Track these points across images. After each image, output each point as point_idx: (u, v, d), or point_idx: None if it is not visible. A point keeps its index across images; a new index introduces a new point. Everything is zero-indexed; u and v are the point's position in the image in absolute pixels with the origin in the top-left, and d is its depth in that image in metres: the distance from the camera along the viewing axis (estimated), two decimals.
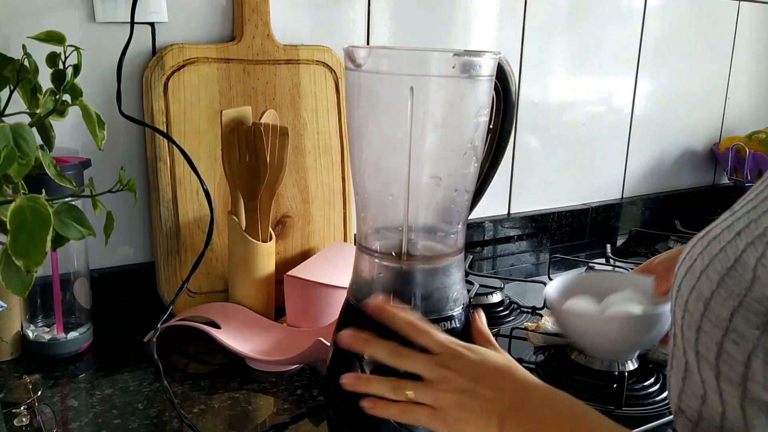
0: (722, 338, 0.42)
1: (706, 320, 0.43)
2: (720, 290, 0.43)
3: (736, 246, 0.43)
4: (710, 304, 0.43)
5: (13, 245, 0.50)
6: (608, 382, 0.77)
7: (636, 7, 1.36)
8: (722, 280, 0.43)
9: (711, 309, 0.43)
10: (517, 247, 1.32)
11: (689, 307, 0.45)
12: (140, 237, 0.95)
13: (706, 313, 0.43)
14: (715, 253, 0.44)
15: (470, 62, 0.59)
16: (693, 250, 0.48)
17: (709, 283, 0.44)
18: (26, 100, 0.68)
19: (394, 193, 0.63)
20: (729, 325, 0.42)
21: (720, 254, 0.44)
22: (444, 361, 0.56)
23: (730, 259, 0.43)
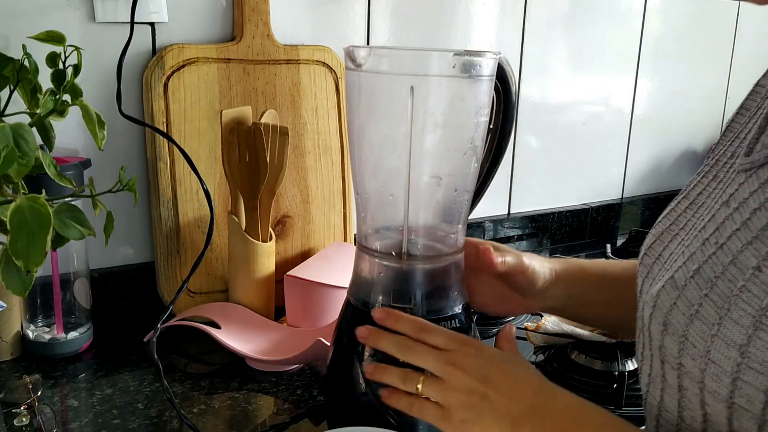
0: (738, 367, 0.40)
1: (746, 368, 0.40)
2: (760, 333, 0.39)
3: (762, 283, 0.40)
4: (748, 350, 0.40)
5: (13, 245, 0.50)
6: (608, 382, 0.77)
7: (636, 7, 1.36)
8: (759, 323, 0.39)
9: (751, 355, 0.39)
10: (517, 247, 1.31)
11: (714, 357, 0.41)
12: (140, 237, 0.95)
13: (745, 360, 0.40)
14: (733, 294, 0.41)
15: (471, 62, 0.59)
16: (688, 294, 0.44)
17: (740, 328, 0.40)
18: (26, 100, 0.68)
19: (395, 192, 0.63)
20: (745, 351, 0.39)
21: (743, 294, 0.40)
22: (452, 359, 0.54)
23: (762, 299, 0.39)
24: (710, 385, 0.42)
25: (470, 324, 0.67)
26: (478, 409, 0.52)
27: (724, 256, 0.43)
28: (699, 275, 0.44)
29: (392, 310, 0.60)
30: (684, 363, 0.44)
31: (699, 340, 0.42)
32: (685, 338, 0.44)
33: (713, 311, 0.42)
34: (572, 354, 0.82)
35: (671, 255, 0.51)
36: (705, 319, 0.42)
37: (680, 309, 0.44)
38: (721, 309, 0.41)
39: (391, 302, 0.64)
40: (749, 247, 0.41)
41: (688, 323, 0.43)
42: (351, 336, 0.66)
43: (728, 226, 0.44)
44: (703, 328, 0.42)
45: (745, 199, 0.43)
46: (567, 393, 0.52)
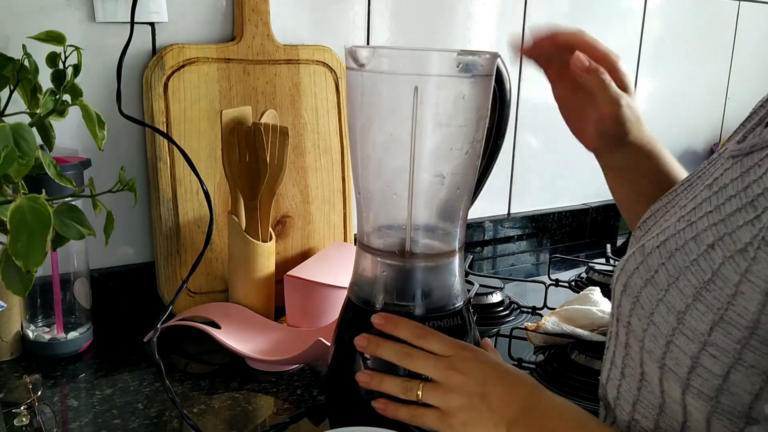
0: (699, 352, 0.42)
1: (679, 334, 0.43)
2: (697, 304, 0.42)
3: (711, 259, 0.43)
4: (685, 317, 0.43)
5: (13, 245, 0.50)
6: None
7: (636, 7, 1.36)
8: (699, 294, 0.42)
9: (686, 323, 0.43)
10: (517, 247, 1.32)
11: (655, 319, 0.45)
12: (140, 237, 0.95)
13: (680, 326, 0.43)
14: (684, 266, 0.44)
15: (473, 62, 0.60)
16: (649, 261, 0.48)
17: (682, 297, 0.43)
18: (26, 100, 0.68)
19: (398, 192, 0.63)
20: (708, 339, 0.41)
21: (692, 267, 0.44)
22: (452, 363, 0.56)
23: (705, 273, 0.42)
24: (648, 345, 0.45)
25: (470, 321, 0.68)
26: (478, 410, 0.54)
27: (690, 232, 0.46)
28: (663, 246, 0.47)
29: (390, 315, 0.61)
30: (632, 322, 0.48)
31: (647, 303, 0.46)
32: (637, 299, 0.47)
33: (665, 278, 0.45)
34: (572, 354, 0.82)
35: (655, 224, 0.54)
36: (656, 284, 0.46)
37: (640, 273, 0.48)
38: (671, 277, 0.45)
39: (394, 300, 0.64)
40: (713, 227, 0.44)
41: (642, 286, 0.47)
42: (352, 335, 0.66)
43: (703, 207, 0.46)
44: (653, 292, 0.46)
45: (725, 184, 0.46)
46: (553, 395, 0.55)
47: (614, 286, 0.52)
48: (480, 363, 0.56)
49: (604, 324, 0.84)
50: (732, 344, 0.40)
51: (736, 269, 0.41)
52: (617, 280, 0.52)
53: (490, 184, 0.73)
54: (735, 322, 0.40)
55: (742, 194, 0.43)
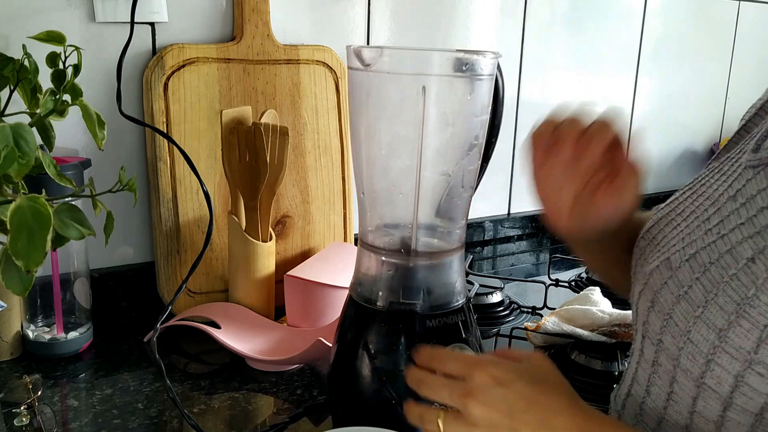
0: (744, 371, 0.40)
1: (721, 352, 0.41)
2: (740, 321, 0.40)
3: (752, 273, 0.41)
4: (727, 335, 0.41)
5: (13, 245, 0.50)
6: (608, 382, 0.77)
7: (636, 7, 1.36)
8: (742, 311, 0.40)
9: (728, 340, 0.41)
10: (517, 247, 1.32)
11: (693, 337, 0.43)
12: (140, 237, 0.95)
13: (722, 344, 0.41)
14: (723, 281, 0.42)
15: (477, 62, 0.60)
16: (680, 275, 0.45)
17: (723, 313, 0.41)
18: (26, 100, 0.68)
19: (404, 191, 0.64)
20: (753, 357, 0.40)
21: (732, 282, 0.41)
22: (469, 390, 0.48)
23: (748, 288, 0.40)
24: (684, 364, 0.43)
25: (472, 319, 0.68)
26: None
27: (723, 245, 0.44)
28: (694, 259, 0.45)
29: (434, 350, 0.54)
30: (664, 340, 0.45)
31: (682, 320, 0.44)
32: (669, 316, 0.45)
33: (701, 294, 0.43)
34: (572, 354, 0.82)
35: (664, 238, 0.52)
36: (692, 301, 0.44)
37: (670, 288, 0.46)
38: (709, 293, 0.43)
39: (399, 299, 0.64)
40: (749, 240, 0.42)
41: (674, 302, 0.45)
42: (354, 334, 0.66)
43: (733, 220, 0.44)
44: (689, 309, 0.44)
45: (752, 195, 0.44)
46: (603, 417, 0.47)
47: (636, 301, 0.50)
48: (503, 388, 0.47)
49: (604, 324, 0.84)
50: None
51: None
52: (640, 295, 0.49)
53: (490, 184, 0.73)
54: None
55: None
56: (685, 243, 0.48)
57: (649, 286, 0.48)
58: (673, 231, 0.51)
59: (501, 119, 0.70)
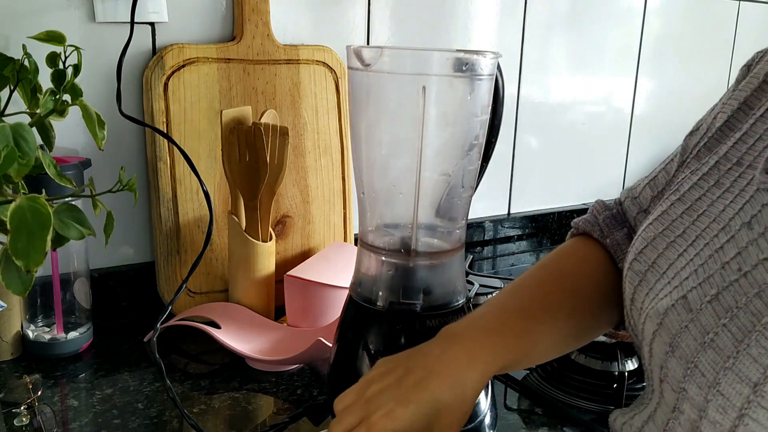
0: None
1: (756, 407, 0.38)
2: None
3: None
4: (764, 389, 0.38)
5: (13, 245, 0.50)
6: (608, 382, 0.77)
7: (636, 7, 1.36)
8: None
9: (765, 395, 0.38)
10: (517, 247, 1.32)
11: (723, 390, 0.40)
12: (140, 237, 0.95)
13: (757, 399, 0.38)
14: (755, 330, 0.39)
15: (477, 62, 0.60)
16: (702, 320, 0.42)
17: (757, 366, 0.38)
18: (26, 100, 0.68)
19: (404, 190, 0.64)
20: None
21: (766, 331, 0.39)
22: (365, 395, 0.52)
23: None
24: (713, 416, 0.40)
25: None
26: (420, 367, 0.51)
27: (749, 287, 0.40)
28: (717, 302, 0.42)
29: None
30: (687, 389, 0.42)
31: (710, 370, 0.41)
32: (694, 365, 0.42)
33: (730, 343, 0.40)
34: (572, 354, 0.82)
35: (671, 267, 0.48)
36: (720, 350, 0.40)
37: (692, 334, 0.42)
38: (741, 343, 0.39)
39: (399, 299, 0.64)
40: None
41: (699, 350, 0.42)
42: (354, 334, 0.66)
43: (753, 253, 0.41)
44: (716, 359, 0.40)
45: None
46: (474, 324, 0.54)
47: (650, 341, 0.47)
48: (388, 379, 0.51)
49: None
50: None
51: None
52: (654, 335, 0.46)
53: (490, 184, 0.73)
54: None
55: None
56: (701, 278, 0.44)
57: (665, 328, 0.45)
58: (680, 259, 0.48)
59: (501, 119, 0.70)
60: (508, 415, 0.73)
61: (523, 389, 0.78)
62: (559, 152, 1.33)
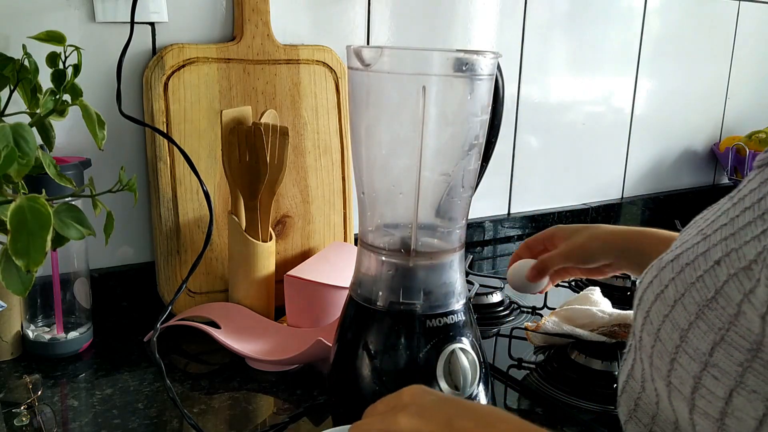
0: (700, 372, 0.40)
1: (682, 352, 0.41)
2: (699, 322, 0.40)
3: (715, 276, 0.40)
4: (687, 335, 0.41)
5: (13, 245, 0.50)
6: (608, 382, 0.77)
7: (636, 7, 1.36)
8: (701, 312, 0.41)
9: (688, 341, 0.41)
10: (517, 247, 1.31)
11: (662, 336, 0.43)
12: (140, 237, 0.95)
13: (683, 344, 0.41)
14: (691, 282, 0.42)
15: (477, 62, 0.60)
16: (662, 275, 0.46)
17: (686, 314, 0.41)
18: (26, 100, 0.68)
19: (405, 190, 0.64)
20: (709, 359, 0.39)
21: (697, 283, 0.42)
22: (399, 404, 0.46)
23: (709, 290, 0.40)
24: (656, 362, 0.44)
25: (472, 319, 0.68)
26: None
27: (703, 246, 0.43)
28: (677, 260, 0.45)
29: None
30: (642, 337, 0.46)
31: (656, 318, 0.44)
32: (647, 314, 0.46)
33: (672, 294, 0.43)
34: (572, 354, 0.82)
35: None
36: (665, 300, 0.44)
37: (653, 287, 0.46)
38: (678, 293, 0.43)
39: (400, 299, 0.64)
40: (724, 242, 0.41)
41: (653, 301, 0.45)
42: (354, 334, 0.66)
43: (720, 220, 0.44)
44: (661, 308, 0.44)
45: (744, 196, 0.43)
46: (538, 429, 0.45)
47: (634, 299, 0.51)
48: (437, 397, 0.47)
49: (604, 324, 0.84)
50: (733, 366, 0.38)
51: (739, 288, 0.38)
52: (636, 293, 0.50)
53: (490, 184, 0.73)
54: (736, 343, 0.38)
55: (756, 206, 0.40)
56: (680, 242, 0.48)
57: (641, 285, 0.49)
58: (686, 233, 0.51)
59: (501, 119, 0.71)
60: None
61: (523, 389, 0.78)
62: (559, 152, 1.33)
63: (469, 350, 0.65)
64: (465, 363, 0.63)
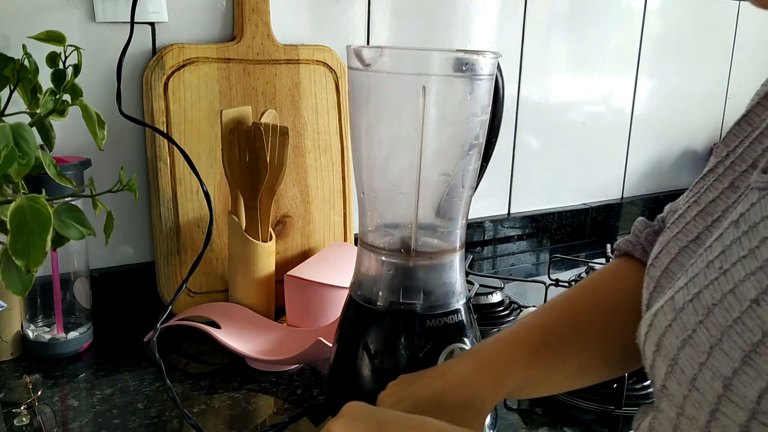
0: (748, 421, 0.38)
1: (726, 401, 0.38)
2: (746, 369, 0.38)
3: (758, 317, 0.38)
4: (732, 383, 0.38)
5: (13, 245, 0.50)
6: (608, 382, 0.77)
7: (636, 7, 1.36)
8: (748, 358, 0.38)
9: (733, 389, 0.38)
10: (517, 247, 1.32)
11: (699, 385, 0.40)
12: (140, 237, 0.95)
13: (727, 393, 0.38)
14: (727, 325, 0.39)
15: (477, 62, 0.60)
16: (684, 318, 0.43)
17: (728, 360, 0.38)
18: (26, 100, 0.68)
19: (404, 190, 0.64)
20: (757, 407, 0.37)
21: (736, 327, 0.39)
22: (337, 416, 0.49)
23: (754, 334, 0.37)
24: (689, 412, 0.41)
25: (472, 319, 0.68)
26: None
27: (726, 283, 0.41)
28: (698, 300, 0.42)
29: None
30: (668, 386, 0.43)
31: (688, 366, 0.41)
32: (675, 362, 0.42)
33: (705, 339, 0.40)
34: None
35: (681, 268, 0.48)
36: (697, 346, 0.41)
37: (675, 332, 0.43)
38: (713, 338, 0.40)
39: (398, 299, 0.64)
40: (752, 277, 0.39)
41: (679, 347, 0.42)
42: (354, 334, 0.66)
43: (735, 251, 0.41)
44: (694, 355, 0.41)
45: (755, 223, 0.41)
46: None
47: (643, 344, 0.47)
48: (372, 409, 0.49)
49: None
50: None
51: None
52: (646, 338, 0.46)
53: (490, 184, 0.73)
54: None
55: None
56: (689, 278, 0.45)
57: (654, 328, 0.46)
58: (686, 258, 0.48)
59: (501, 119, 0.71)
60: (508, 415, 0.73)
61: None
62: (559, 152, 1.33)
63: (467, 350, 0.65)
64: None
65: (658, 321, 0.45)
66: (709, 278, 0.42)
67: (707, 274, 0.43)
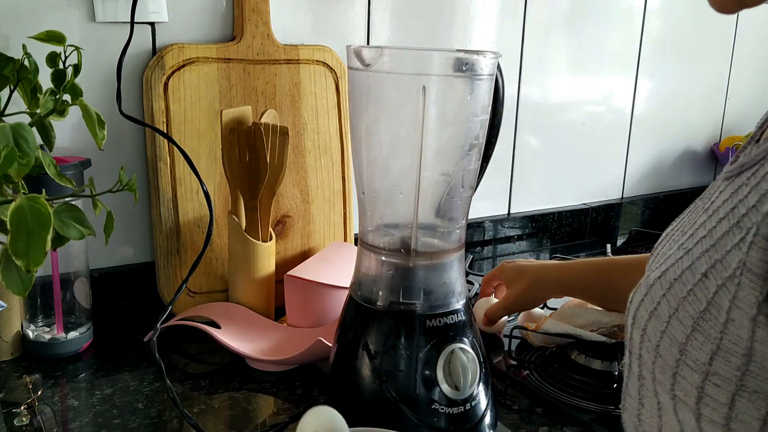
0: (702, 382, 0.42)
1: (683, 365, 0.43)
2: (695, 334, 0.42)
3: (705, 288, 0.42)
4: (686, 348, 0.43)
5: (13, 245, 0.50)
6: (608, 382, 0.77)
7: (636, 7, 1.36)
8: (697, 324, 0.42)
9: (688, 353, 0.43)
10: (517, 247, 1.32)
11: (661, 351, 0.45)
12: (140, 237, 0.95)
13: (683, 357, 0.43)
14: (682, 296, 0.44)
15: (477, 62, 0.60)
16: (652, 292, 0.48)
17: (682, 328, 0.43)
18: (26, 100, 0.68)
19: (405, 190, 0.64)
20: (709, 368, 0.41)
21: (689, 297, 0.43)
22: None
23: (701, 303, 0.42)
24: (658, 377, 0.46)
25: (472, 319, 0.68)
26: None
27: (687, 261, 0.45)
28: (664, 276, 0.47)
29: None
30: (642, 354, 0.48)
31: (653, 335, 0.46)
32: (644, 332, 0.47)
33: (666, 309, 0.45)
34: (572, 354, 0.82)
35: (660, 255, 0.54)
36: (659, 316, 0.46)
37: (645, 305, 0.48)
38: (671, 308, 0.45)
39: (400, 299, 0.64)
40: (706, 254, 0.43)
41: (647, 318, 0.47)
42: (355, 334, 0.66)
43: (699, 233, 0.46)
44: (657, 324, 0.46)
45: (717, 207, 0.45)
46: None
47: (626, 318, 0.53)
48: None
49: (603, 324, 0.84)
50: (732, 372, 0.40)
51: (727, 296, 0.40)
52: (627, 313, 0.52)
53: (490, 184, 0.74)
54: (731, 350, 0.40)
55: (730, 215, 0.43)
56: (663, 260, 0.50)
57: (632, 303, 0.51)
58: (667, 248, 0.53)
59: (501, 119, 0.71)
60: (508, 415, 0.73)
61: (523, 389, 0.78)
62: (559, 152, 1.33)
63: (469, 350, 0.65)
64: (465, 363, 0.63)
65: (635, 297, 0.50)
66: (676, 258, 0.47)
67: (676, 255, 0.47)
